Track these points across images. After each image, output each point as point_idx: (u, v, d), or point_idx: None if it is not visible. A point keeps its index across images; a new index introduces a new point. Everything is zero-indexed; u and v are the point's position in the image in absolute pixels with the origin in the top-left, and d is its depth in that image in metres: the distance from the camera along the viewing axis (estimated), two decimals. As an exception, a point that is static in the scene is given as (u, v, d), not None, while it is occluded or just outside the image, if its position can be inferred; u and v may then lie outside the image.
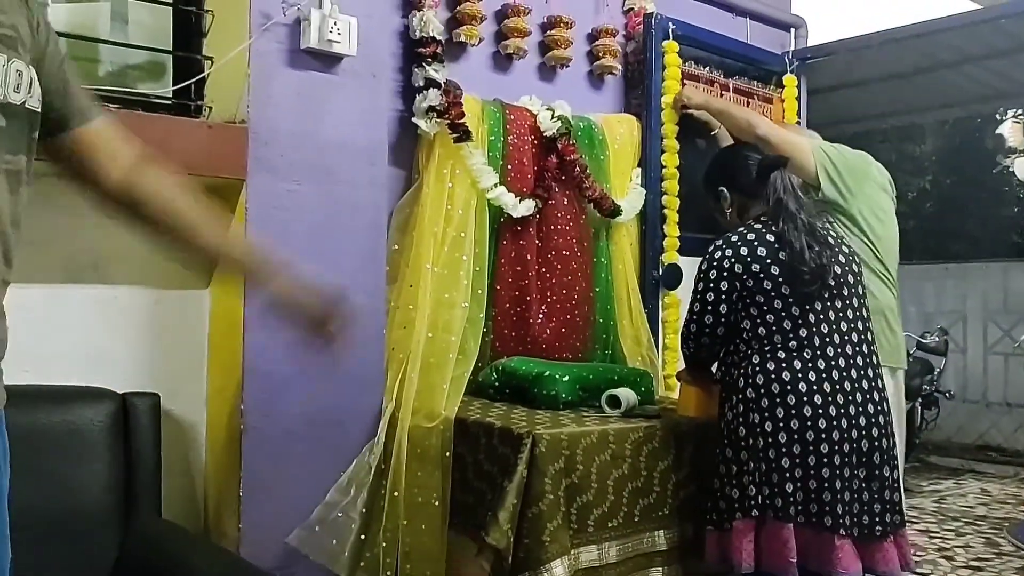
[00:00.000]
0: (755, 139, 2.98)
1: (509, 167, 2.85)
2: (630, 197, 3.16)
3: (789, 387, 2.18)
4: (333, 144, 2.40)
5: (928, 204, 6.68)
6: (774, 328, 2.23)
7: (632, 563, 2.31)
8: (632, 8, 3.31)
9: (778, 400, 2.18)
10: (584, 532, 2.21)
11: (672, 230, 3.25)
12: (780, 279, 2.23)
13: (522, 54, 2.99)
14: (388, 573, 2.37)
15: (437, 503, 2.37)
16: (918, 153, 6.56)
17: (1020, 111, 7.36)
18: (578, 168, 2.96)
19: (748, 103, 3.58)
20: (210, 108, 2.40)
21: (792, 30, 3.96)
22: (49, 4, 2.38)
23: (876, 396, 2.26)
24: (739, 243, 2.28)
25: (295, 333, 1.54)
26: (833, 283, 2.26)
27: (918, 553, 3.78)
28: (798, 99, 3.76)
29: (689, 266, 3.26)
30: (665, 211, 3.24)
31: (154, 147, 2.09)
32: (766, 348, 2.23)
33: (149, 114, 2.26)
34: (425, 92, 2.63)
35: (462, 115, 2.67)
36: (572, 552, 2.16)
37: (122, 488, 2.10)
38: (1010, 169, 7.68)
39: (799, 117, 3.75)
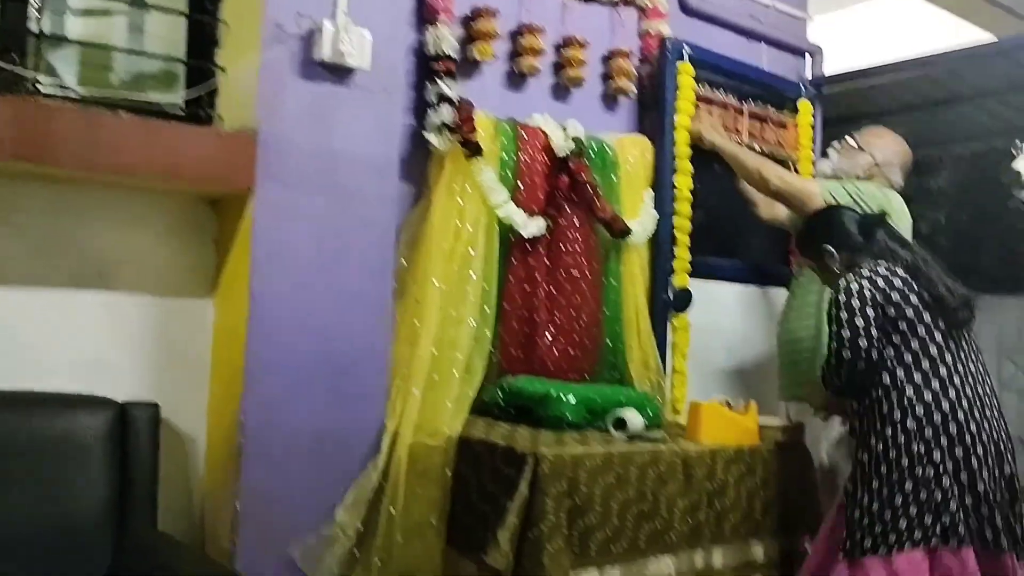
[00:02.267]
0: (768, 194, 3.01)
1: (520, 185, 2.83)
2: (641, 219, 3.13)
3: (950, 416, 2.25)
4: (343, 157, 2.38)
5: (943, 238, 6.61)
6: (920, 354, 2.28)
7: (635, 589, 2.26)
8: (648, 31, 3.30)
9: (941, 429, 2.25)
10: (586, 555, 2.16)
11: (683, 253, 3.22)
12: (921, 307, 2.30)
13: (536, 73, 2.98)
14: (383, 591, 2.32)
15: (435, 521, 2.33)
16: (934, 186, 6.51)
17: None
18: (589, 188, 2.94)
19: (762, 127, 3.56)
20: (221, 117, 2.40)
21: (808, 57, 3.94)
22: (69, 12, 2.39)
23: (1004, 424, 2.38)
24: (874, 276, 2.33)
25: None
26: None
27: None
28: (813, 127, 3.74)
29: (700, 289, 3.24)
30: (677, 233, 3.21)
31: (165, 154, 2.13)
32: (916, 378, 2.27)
33: (161, 121, 2.25)
34: (438, 108, 2.62)
35: (474, 131, 2.66)
36: (572, 575, 2.11)
37: (117, 498, 2.08)
38: (1025, 203, 7.59)
39: (814, 144, 3.73)
